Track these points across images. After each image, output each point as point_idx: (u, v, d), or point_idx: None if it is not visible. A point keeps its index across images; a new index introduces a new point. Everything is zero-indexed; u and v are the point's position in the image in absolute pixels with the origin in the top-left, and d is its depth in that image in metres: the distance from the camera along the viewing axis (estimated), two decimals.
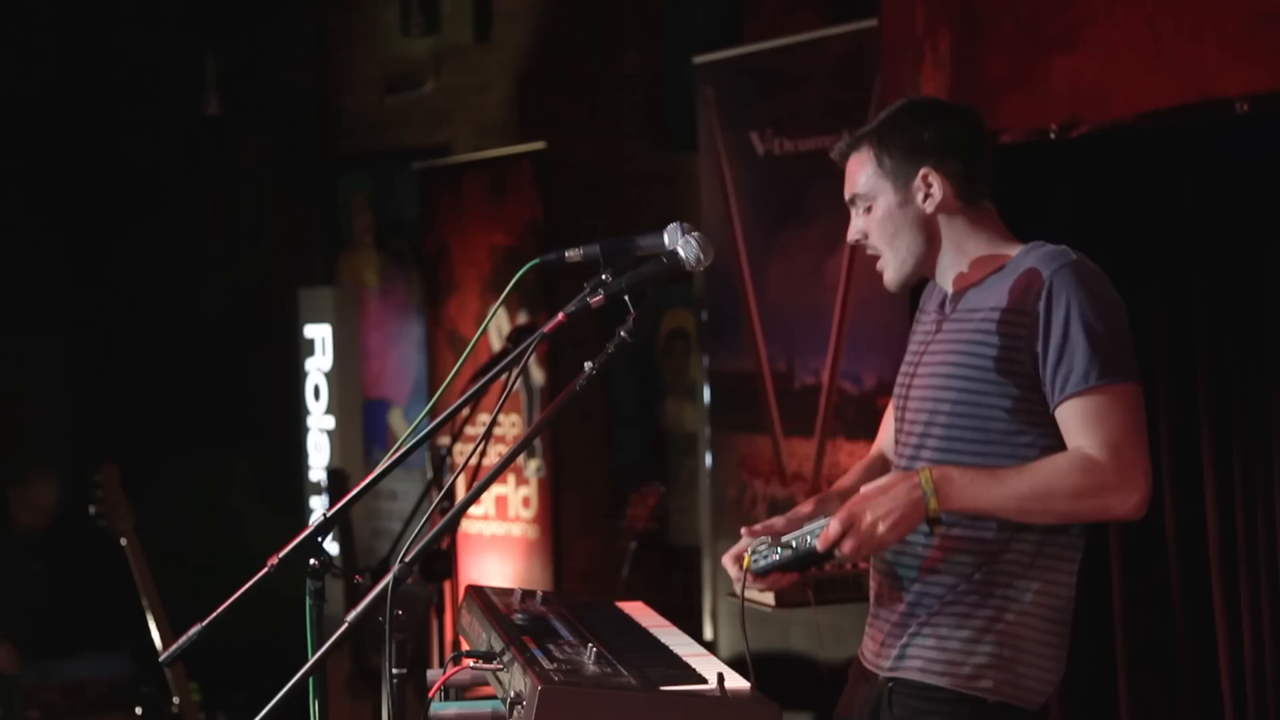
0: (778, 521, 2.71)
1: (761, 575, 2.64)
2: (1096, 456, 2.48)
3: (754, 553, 2.63)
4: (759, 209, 4.88)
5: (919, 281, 2.76)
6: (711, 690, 2.22)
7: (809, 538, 2.55)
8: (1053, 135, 3.86)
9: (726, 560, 2.71)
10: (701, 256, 2.54)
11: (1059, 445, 2.54)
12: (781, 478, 4.86)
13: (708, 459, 5.18)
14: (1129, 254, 3.94)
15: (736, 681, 2.26)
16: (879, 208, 2.70)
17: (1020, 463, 2.54)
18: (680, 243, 2.55)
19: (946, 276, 2.72)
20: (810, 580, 3.65)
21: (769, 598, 3.70)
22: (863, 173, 2.71)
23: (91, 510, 4.92)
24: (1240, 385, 3.69)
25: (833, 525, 2.49)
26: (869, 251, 2.76)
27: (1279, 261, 3.62)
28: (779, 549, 2.60)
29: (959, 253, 2.70)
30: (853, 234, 2.77)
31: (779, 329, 4.83)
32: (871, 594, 2.74)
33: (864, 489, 2.54)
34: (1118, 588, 3.92)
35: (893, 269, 2.73)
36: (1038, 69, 3.91)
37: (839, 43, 4.61)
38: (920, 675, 2.59)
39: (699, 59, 5.08)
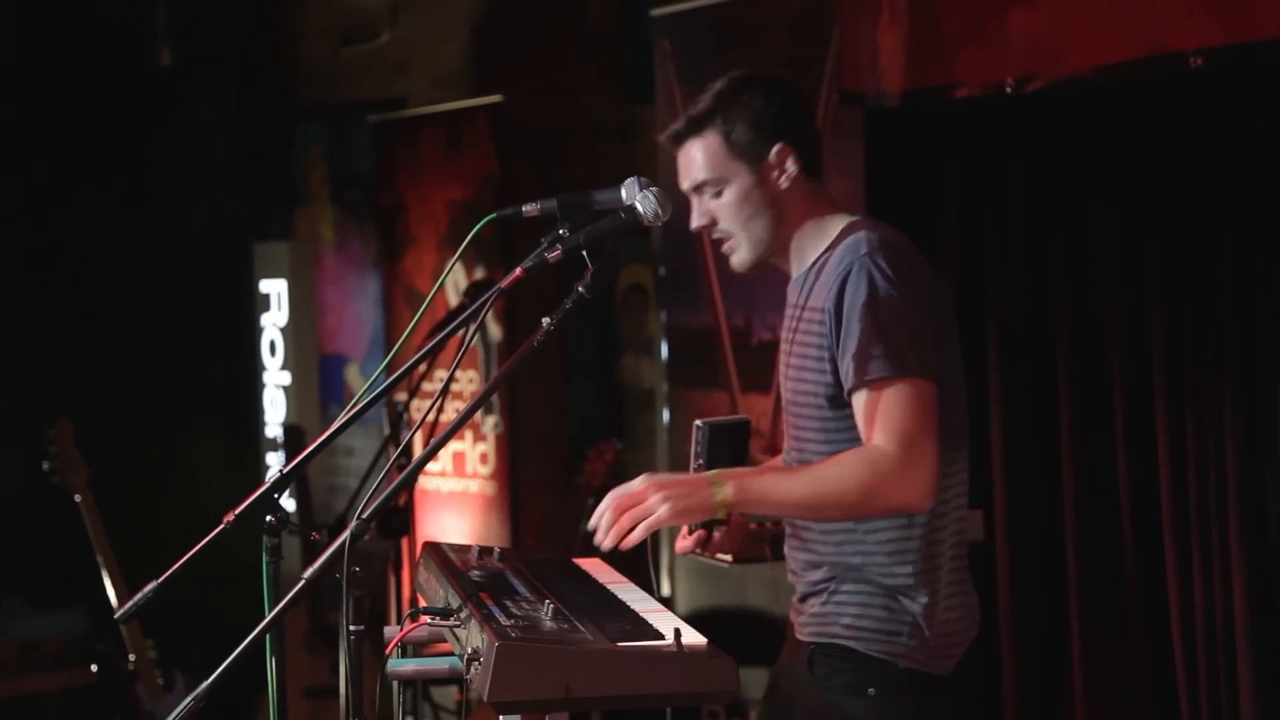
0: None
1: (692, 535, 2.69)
2: (881, 448, 2.47)
3: None
4: None
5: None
6: (669, 646, 2.23)
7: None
8: (1009, 89, 3.87)
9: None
10: (660, 211, 2.53)
11: None
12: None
13: (665, 415, 5.18)
14: (1084, 206, 3.95)
15: (693, 637, 2.27)
16: (732, 191, 2.66)
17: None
18: (638, 198, 2.54)
19: (792, 257, 2.71)
20: (767, 536, 3.68)
21: (727, 554, 3.71)
22: (708, 156, 2.66)
23: (45, 466, 4.89)
24: (1193, 339, 3.72)
25: (606, 499, 2.48)
26: (715, 235, 2.71)
27: (1233, 215, 3.65)
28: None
29: (799, 231, 2.68)
30: (697, 220, 2.71)
31: (736, 285, 4.82)
32: (787, 559, 2.77)
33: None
34: (1071, 541, 3.96)
35: (746, 251, 2.70)
36: (994, 23, 3.90)
37: None
38: (834, 639, 2.62)
39: (657, 11, 5.05)
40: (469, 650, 2.21)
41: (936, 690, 2.61)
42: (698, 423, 2.68)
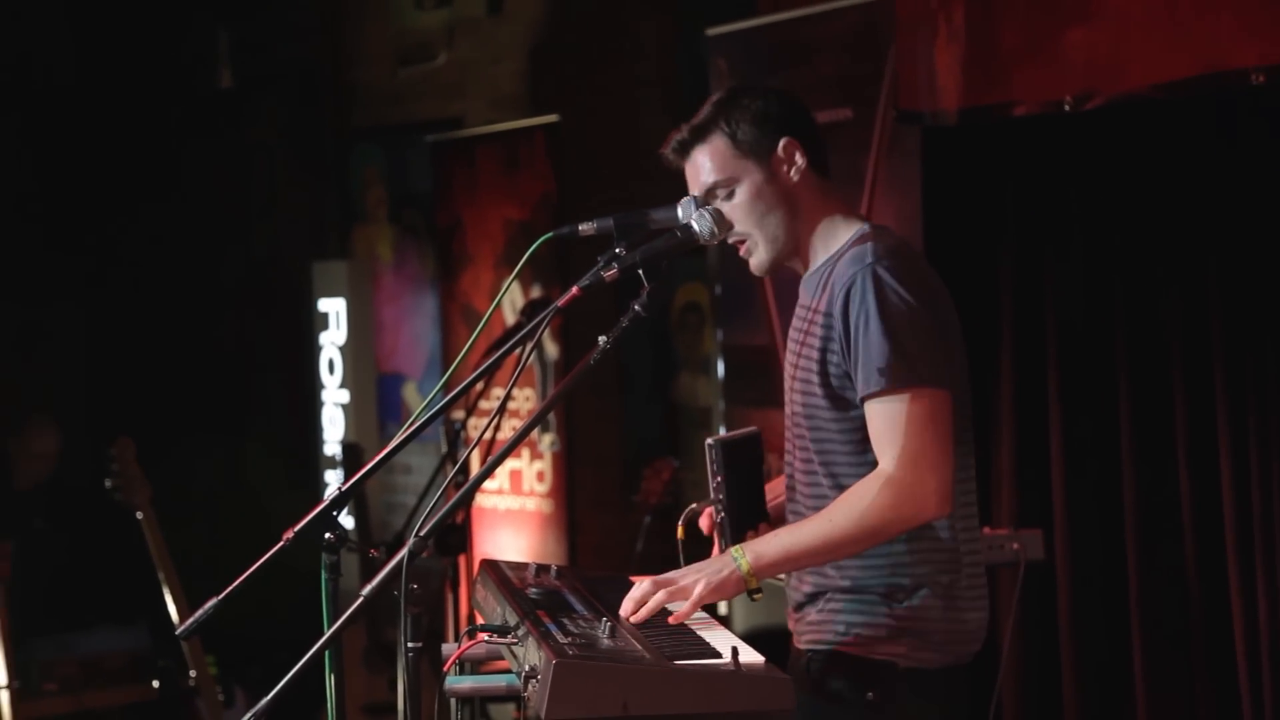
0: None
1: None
2: (885, 473, 2.49)
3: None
4: None
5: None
6: (726, 665, 2.23)
7: None
8: (1067, 107, 3.85)
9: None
10: (715, 230, 2.54)
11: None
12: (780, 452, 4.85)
13: (722, 433, 5.18)
14: (1144, 225, 3.92)
15: (751, 656, 2.26)
16: (744, 190, 2.66)
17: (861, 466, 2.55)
18: (694, 216, 2.55)
19: (802, 254, 2.70)
20: None
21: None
22: (715, 159, 2.66)
23: (108, 484, 4.94)
24: (1256, 359, 3.68)
25: (645, 585, 2.49)
26: (733, 239, 2.70)
27: None
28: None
29: (810, 227, 2.68)
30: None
31: (793, 302, 4.79)
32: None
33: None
34: (1132, 561, 3.92)
35: (764, 250, 2.70)
36: (1052, 41, 3.89)
37: (853, 15, 4.58)
38: (832, 646, 2.61)
39: (712, 31, 5.06)
40: (526, 668, 2.22)
41: (935, 688, 2.59)
42: (708, 441, 2.68)
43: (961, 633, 2.62)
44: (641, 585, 2.53)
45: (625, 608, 2.50)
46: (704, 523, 2.75)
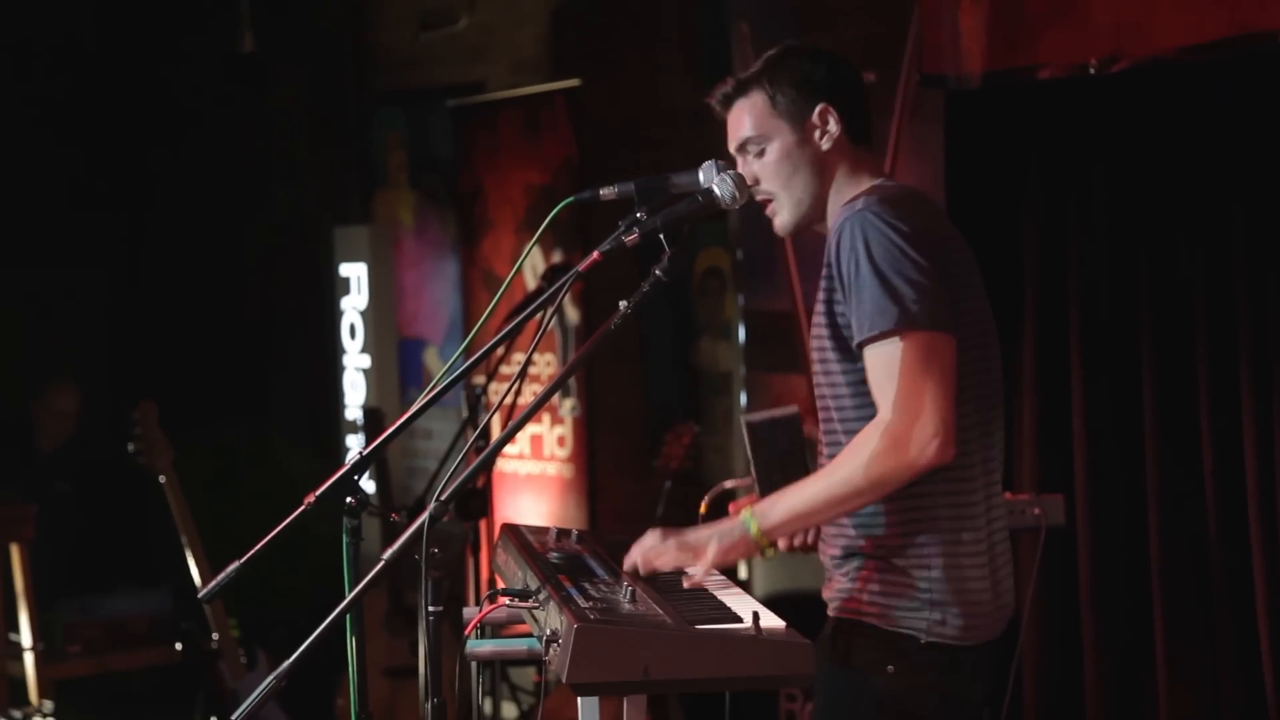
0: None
1: None
2: (883, 421, 2.46)
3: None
4: None
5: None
6: (747, 629, 2.23)
7: None
8: (1093, 70, 3.82)
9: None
10: (737, 194, 2.53)
11: None
12: (815, 417, 4.85)
13: (742, 398, 5.17)
14: (1169, 189, 3.90)
15: (771, 621, 2.26)
16: (774, 149, 2.67)
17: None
18: (716, 181, 2.54)
19: (828, 219, 2.70)
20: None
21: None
22: (753, 115, 2.68)
23: (130, 448, 4.95)
24: None
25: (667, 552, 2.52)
26: (759, 197, 2.71)
27: None
28: None
29: (838, 195, 2.68)
30: None
31: (814, 267, 4.77)
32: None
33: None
34: (1154, 528, 3.91)
35: (787, 211, 2.70)
36: (1078, 3, 3.86)
37: None
38: (857, 615, 2.60)
39: None
40: (548, 632, 2.22)
41: (956, 664, 2.58)
42: (744, 419, 2.68)
43: (985, 607, 2.60)
44: (652, 535, 2.54)
45: (632, 554, 2.52)
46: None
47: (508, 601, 2.42)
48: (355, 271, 7.10)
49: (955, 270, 2.58)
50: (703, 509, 2.79)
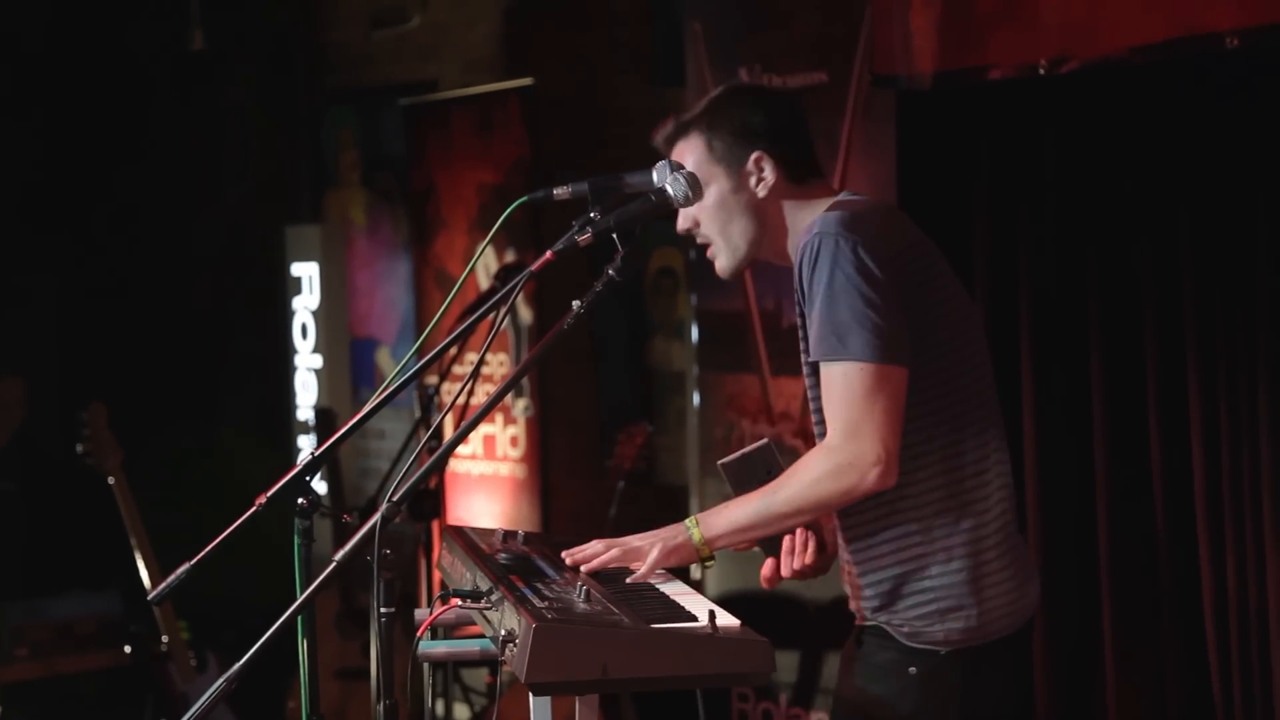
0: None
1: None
2: (828, 445, 2.52)
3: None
4: None
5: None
6: (704, 628, 2.23)
7: None
8: (1042, 70, 3.84)
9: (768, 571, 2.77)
10: (690, 194, 2.53)
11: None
12: (769, 417, 4.86)
13: (695, 398, 5.18)
14: (1117, 189, 3.93)
15: (727, 619, 2.27)
16: (711, 195, 2.68)
17: None
18: (669, 180, 2.54)
19: (782, 255, 2.74)
20: None
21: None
22: (691, 159, 2.69)
23: (79, 449, 4.91)
24: (1227, 321, 3.69)
25: (597, 545, 2.58)
26: (699, 240, 2.75)
27: (1268, 197, 3.62)
28: None
29: (792, 230, 2.70)
30: (682, 223, 2.75)
31: (767, 268, 4.79)
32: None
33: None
34: (1103, 526, 3.94)
35: (725, 256, 2.74)
36: (1028, 3, 3.88)
37: None
38: (878, 626, 2.64)
39: None
40: (503, 632, 2.22)
41: (979, 665, 2.60)
42: (719, 464, 2.72)
43: (1000, 609, 2.62)
44: (594, 545, 2.59)
45: (575, 558, 2.55)
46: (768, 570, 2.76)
47: (460, 602, 2.42)
48: (307, 271, 7.06)
49: (923, 279, 2.60)
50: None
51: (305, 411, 7.03)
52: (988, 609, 2.60)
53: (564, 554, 2.59)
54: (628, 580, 2.54)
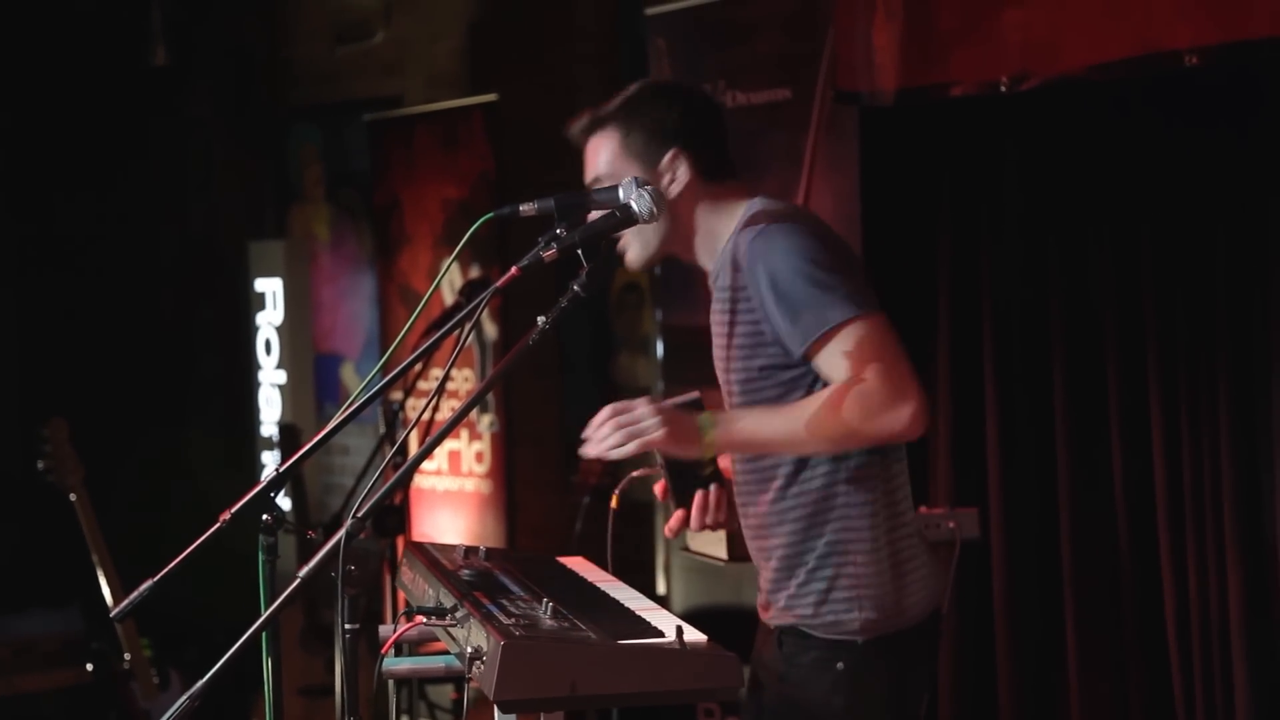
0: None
1: (685, 505, 2.73)
2: (863, 380, 2.51)
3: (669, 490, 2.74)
4: None
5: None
6: (671, 643, 2.23)
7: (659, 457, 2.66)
8: (1003, 88, 3.87)
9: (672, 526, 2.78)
10: (654, 210, 2.54)
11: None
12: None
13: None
14: (1079, 204, 3.96)
15: (694, 635, 2.27)
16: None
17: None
18: (634, 196, 2.54)
19: (702, 257, 2.75)
20: None
21: (721, 551, 3.71)
22: (606, 153, 2.71)
23: (40, 465, 4.88)
24: (1188, 336, 3.72)
25: (604, 411, 2.57)
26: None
27: (1227, 213, 3.65)
28: (661, 474, 2.72)
29: (708, 234, 2.72)
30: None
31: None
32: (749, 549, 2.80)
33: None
34: (1066, 539, 3.96)
35: (636, 250, 2.75)
36: (989, 21, 3.90)
37: None
38: (795, 625, 2.67)
39: (651, 10, 5.05)
40: (469, 649, 2.21)
41: (900, 648, 2.64)
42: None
43: (911, 595, 2.66)
44: (599, 421, 2.56)
45: (590, 449, 2.55)
46: (658, 488, 2.77)
47: (424, 619, 2.41)
48: (271, 286, 7.04)
49: (856, 265, 2.66)
50: (614, 504, 2.80)
51: (269, 427, 7.01)
52: (903, 596, 2.64)
53: (582, 450, 2.58)
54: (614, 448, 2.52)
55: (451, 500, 6.16)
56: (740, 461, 2.72)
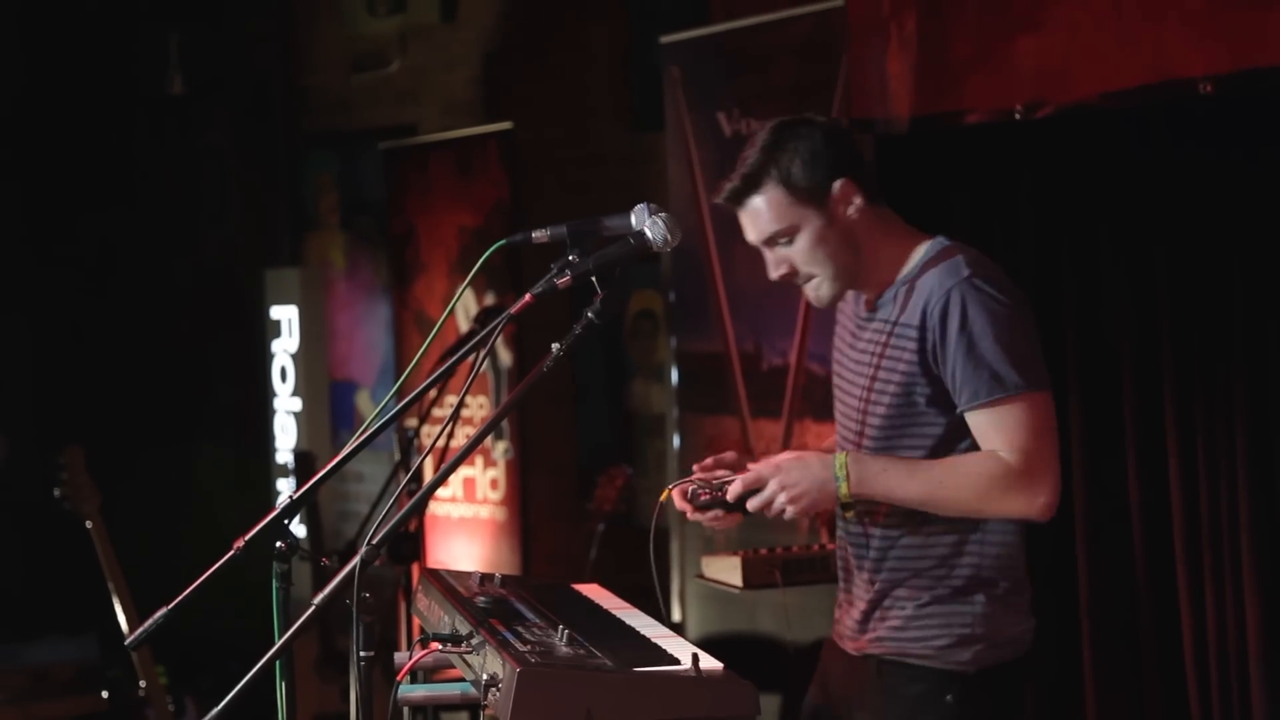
0: (729, 456, 2.77)
1: (702, 510, 2.72)
2: (1006, 459, 2.55)
3: (698, 488, 2.72)
4: None
5: None
6: (687, 671, 2.23)
7: (726, 488, 2.66)
8: (1018, 115, 3.87)
9: (676, 494, 2.76)
10: (669, 237, 2.54)
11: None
12: (750, 459, 4.86)
13: (675, 440, 5.18)
14: (1094, 232, 3.95)
15: (710, 662, 2.27)
16: (805, 237, 2.68)
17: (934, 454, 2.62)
18: (648, 223, 2.54)
19: (866, 282, 2.75)
20: (778, 562, 3.67)
21: (736, 579, 3.70)
22: (773, 209, 2.67)
23: (56, 493, 4.89)
24: (1204, 362, 3.71)
25: (737, 483, 2.61)
26: (799, 282, 2.74)
27: (1242, 239, 3.65)
28: (708, 492, 2.70)
29: (874, 257, 2.71)
30: (775, 271, 2.74)
31: (746, 310, 4.83)
32: (840, 576, 2.79)
33: (785, 454, 2.65)
34: (1082, 564, 3.95)
35: (829, 286, 2.73)
36: (1003, 49, 3.91)
37: (805, 23, 4.60)
38: (901, 655, 2.66)
39: (666, 39, 5.06)
40: (485, 676, 2.21)
41: (1009, 679, 2.67)
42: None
43: (1019, 633, 2.70)
44: (736, 490, 2.59)
45: (752, 502, 2.59)
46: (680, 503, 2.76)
47: (440, 646, 2.41)
48: (286, 314, 7.06)
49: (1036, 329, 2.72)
50: (663, 496, 2.78)
51: (284, 455, 7.01)
52: (1009, 625, 2.67)
53: (729, 491, 2.62)
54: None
55: (466, 527, 6.16)
56: None
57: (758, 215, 2.69)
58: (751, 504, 2.60)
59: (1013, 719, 2.71)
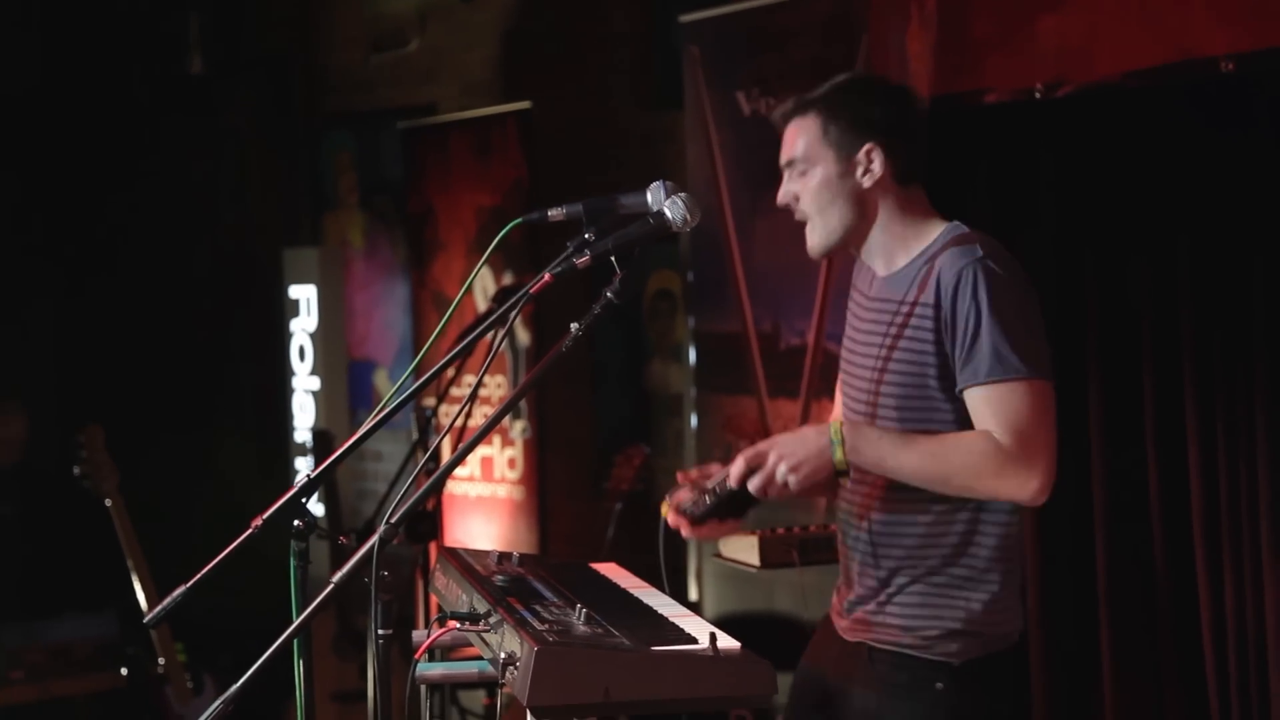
0: (713, 467, 2.78)
1: (701, 523, 2.73)
2: (1001, 440, 2.55)
3: (691, 504, 2.72)
4: (745, 169, 4.86)
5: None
6: (705, 650, 2.23)
7: (726, 481, 2.65)
8: (1038, 94, 3.85)
9: (670, 513, 2.78)
10: (688, 217, 2.53)
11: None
12: (767, 438, 4.86)
13: (693, 420, 5.18)
14: (1114, 213, 3.93)
15: (727, 641, 2.27)
16: (816, 175, 2.72)
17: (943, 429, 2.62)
18: (667, 203, 2.54)
19: (874, 256, 2.77)
20: (795, 541, 3.67)
21: (754, 558, 3.70)
22: (804, 138, 2.74)
23: (76, 471, 4.91)
24: (1225, 346, 3.69)
25: (738, 462, 2.61)
26: (797, 216, 2.78)
27: (1265, 221, 3.62)
28: (705, 496, 2.69)
29: (887, 233, 2.74)
30: (783, 196, 2.79)
31: (764, 290, 4.82)
32: (840, 564, 2.80)
33: (777, 435, 2.66)
34: (1101, 550, 3.94)
35: (819, 236, 2.76)
36: (1024, 28, 3.89)
37: (825, 2, 4.59)
38: (892, 645, 2.68)
39: (685, 17, 5.05)
40: (503, 655, 2.21)
41: (998, 669, 2.68)
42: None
43: (1009, 628, 2.71)
44: (738, 469, 2.59)
45: (754, 481, 2.58)
46: (671, 518, 2.77)
47: (458, 625, 2.41)
48: (305, 293, 7.07)
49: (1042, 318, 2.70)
50: (665, 512, 2.79)
51: (303, 434, 7.03)
52: (1000, 622, 2.68)
53: (732, 474, 2.62)
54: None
55: (484, 506, 6.17)
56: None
57: (792, 138, 2.76)
58: (753, 483, 2.60)
59: (1001, 708, 2.72)
